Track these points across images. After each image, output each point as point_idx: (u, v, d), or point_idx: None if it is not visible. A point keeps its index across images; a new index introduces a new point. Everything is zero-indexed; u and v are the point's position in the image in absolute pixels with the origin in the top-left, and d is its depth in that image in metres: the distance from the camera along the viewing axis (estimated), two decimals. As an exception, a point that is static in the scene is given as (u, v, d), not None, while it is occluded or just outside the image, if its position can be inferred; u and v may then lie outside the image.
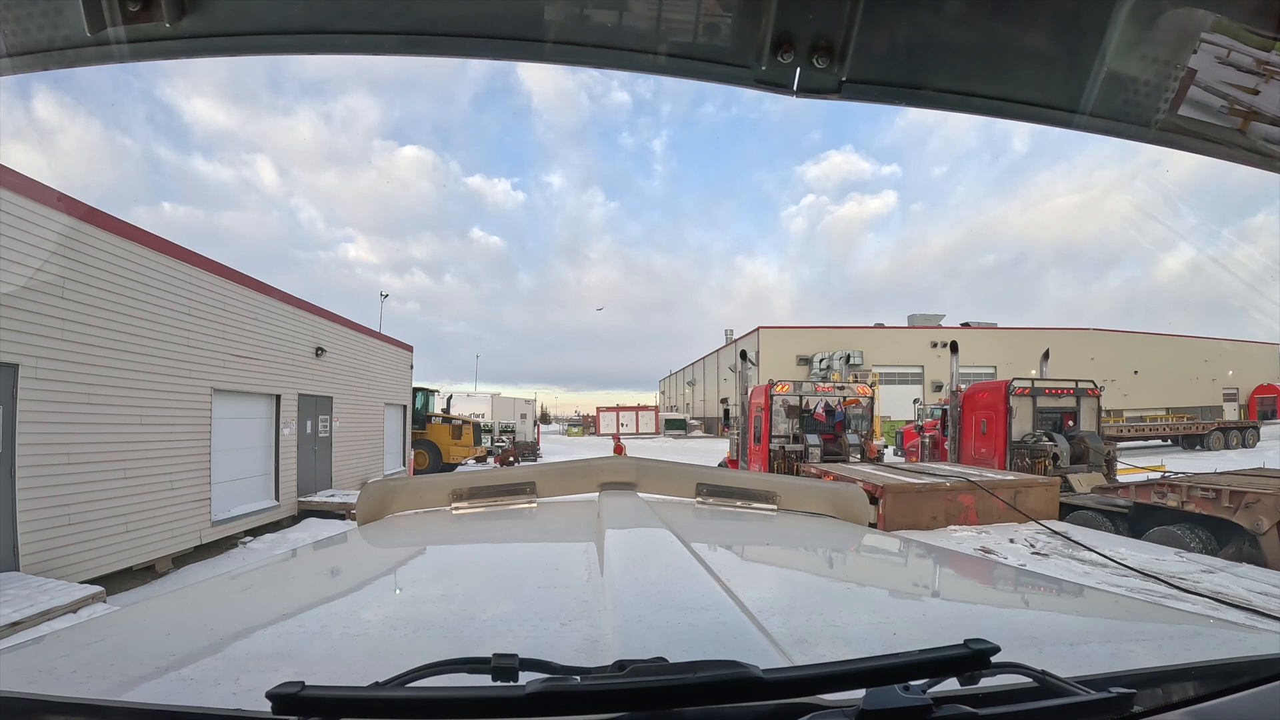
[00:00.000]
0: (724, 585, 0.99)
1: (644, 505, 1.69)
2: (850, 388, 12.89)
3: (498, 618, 0.95)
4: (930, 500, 6.48)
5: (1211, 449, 23.38)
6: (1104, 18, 0.79)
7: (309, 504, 12.10)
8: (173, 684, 0.72)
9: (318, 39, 0.81)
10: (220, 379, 9.73)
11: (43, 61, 0.78)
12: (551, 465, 2.05)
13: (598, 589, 1.01)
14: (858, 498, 1.92)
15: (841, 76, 0.83)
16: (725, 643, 0.78)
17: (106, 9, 0.74)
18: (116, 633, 0.92)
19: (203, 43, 0.78)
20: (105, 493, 7.47)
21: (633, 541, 1.32)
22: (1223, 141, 0.86)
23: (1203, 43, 0.79)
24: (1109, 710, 0.60)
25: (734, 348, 43.97)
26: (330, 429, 13.81)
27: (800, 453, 11.71)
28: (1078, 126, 0.87)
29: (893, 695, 0.58)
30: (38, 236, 6.62)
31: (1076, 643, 0.87)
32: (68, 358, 7.00)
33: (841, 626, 0.91)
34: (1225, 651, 0.84)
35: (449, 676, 0.61)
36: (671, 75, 0.85)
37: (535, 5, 0.80)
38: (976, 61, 0.83)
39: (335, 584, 1.30)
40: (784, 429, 12.28)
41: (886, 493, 6.37)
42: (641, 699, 0.56)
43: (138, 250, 8.12)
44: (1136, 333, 42.46)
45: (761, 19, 0.79)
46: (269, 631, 0.91)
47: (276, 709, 0.54)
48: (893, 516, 6.25)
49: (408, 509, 1.85)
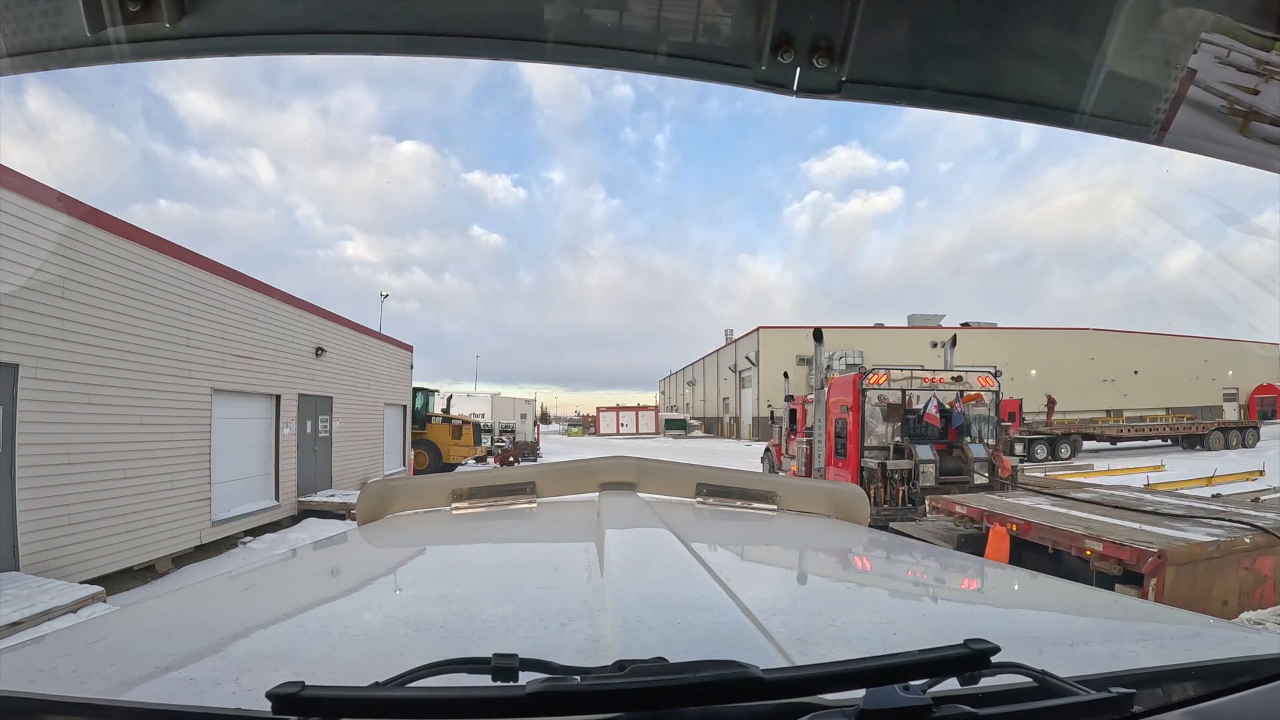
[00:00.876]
0: (724, 585, 0.99)
1: (644, 505, 1.69)
2: (967, 377, 9.25)
3: (498, 618, 0.95)
4: (1224, 572, 4.18)
5: (1211, 449, 23.40)
6: (1104, 18, 0.79)
7: (309, 504, 12.09)
8: (173, 684, 0.72)
9: (318, 39, 0.81)
10: (220, 379, 9.73)
11: (43, 61, 0.78)
12: (551, 465, 2.05)
13: (598, 589, 1.01)
14: (858, 498, 1.92)
15: (841, 76, 0.83)
16: (725, 643, 0.78)
17: (106, 9, 0.74)
18: (116, 633, 0.92)
19: (203, 43, 0.78)
20: (105, 493, 7.47)
21: (633, 541, 1.32)
22: (1223, 141, 0.86)
23: (1203, 43, 0.79)
24: (1109, 710, 0.60)
25: (734, 348, 44.00)
26: (330, 429, 13.81)
27: (908, 472, 8.45)
28: (1078, 126, 0.87)
29: (893, 695, 0.58)
30: (38, 236, 6.62)
31: (1076, 643, 0.87)
32: (68, 358, 7.00)
33: (841, 626, 0.91)
34: (1225, 651, 0.84)
35: (449, 676, 0.61)
36: (671, 75, 0.85)
37: (535, 5, 0.80)
38: (976, 61, 0.84)
39: (335, 584, 1.30)
40: (881, 436, 9.00)
41: (1167, 564, 4.01)
42: (641, 699, 0.56)
43: (138, 250, 8.12)
44: (1137, 333, 42.45)
45: (761, 19, 0.79)
46: (269, 631, 0.91)
47: (276, 709, 0.54)
48: (1176, 596, 3.99)
49: (408, 509, 1.85)
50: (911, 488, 8.47)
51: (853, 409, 9.08)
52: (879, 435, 9.09)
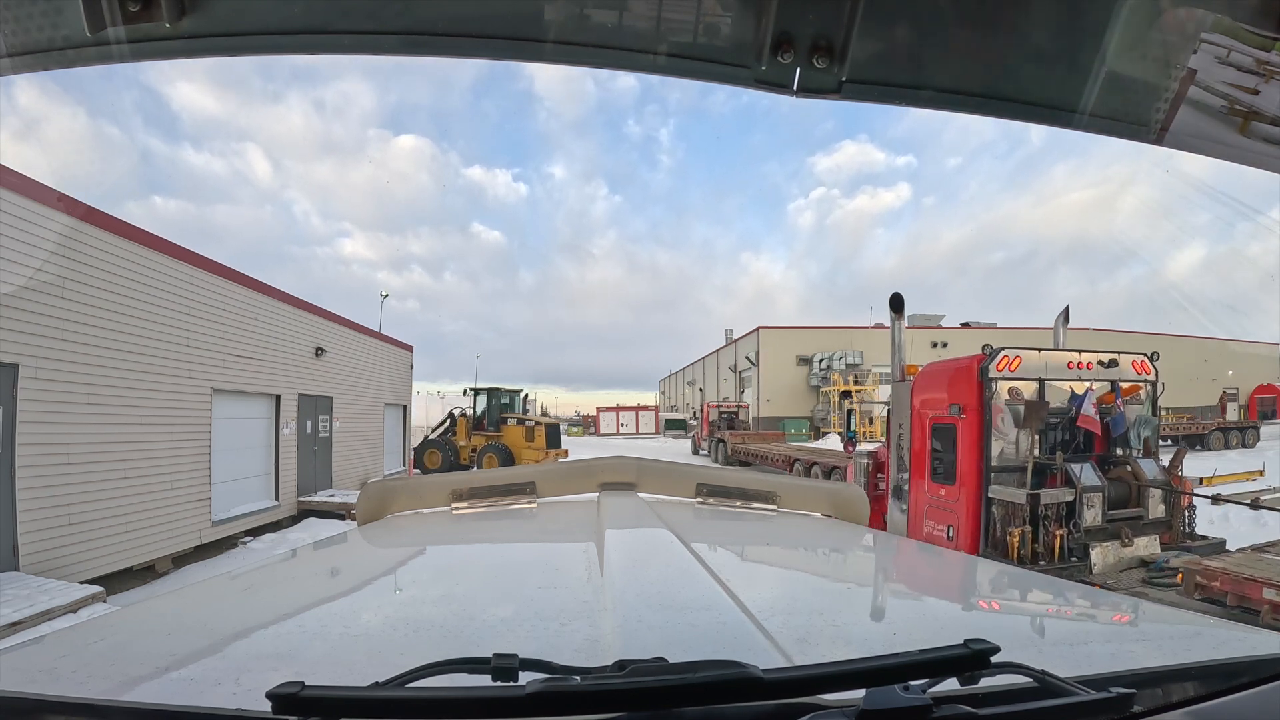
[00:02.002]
0: (724, 585, 0.99)
1: (644, 505, 1.69)
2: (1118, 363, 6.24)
3: (498, 618, 0.95)
4: None
5: (1212, 449, 23.39)
6: (1104, 18, 0.79)
7: (309, 504, 12.10)
8: (173, 684, 0.72)
9: (318, 39, 0.81)
10: (220, 379, 9.73)
11: (43, 61, 0.78)
12: (551, 465, 2.05)
13: (598, 589, 1.01)
14: (858, 498, 1.92)
15: (841, 76, 0.83)
16: (725, 643, 0.78)
17: (106, 9, 0.74)
18: (116, 633, 0.92)
19: (203, 43, 0.78)
20: (105, 493, 7.47)
21: (633, 541, 1.32)
22: (1223, 141, 0.86)
23: (1203, 43, 0.79)
24: (1109, 710, 0.60)
25: (734, 348, 43.97)
26: (330, 429, 13.82)
27: (1065, 507, 5.48)
28: (1077, 126, 0.87)
29: (893, 695, 0.58)
30: (37, 236, 6.62)
31: (1076, 643, 0.87)
32: (68, 358, 7.00)
33: (841, 626, 0.91)
34: (1225, 651, 0.84)
35: (449, 676, 0.61)
36: (671, 75, 0.85)
37: (535, 5, 0.80)
38: (976, 61, 0.84)
39: (335, 584, 1.30)
40: (1017, 450, 5.83)
41: None
42: (641, 699, 0.56)
43: (137, 250, 8.13)
44: (1137, 333, 42.44)
45: (761, 19, 0.79)
46: (269, 631, 0.91)
47: (276, 709, 0.54)
48: None
49: (408, 509, 1.85)
50: (1074, 531, 5.50)
51: (969, 410, 5.90)
52: (1013, 447, 5.87)
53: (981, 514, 5.86)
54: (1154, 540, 5.73)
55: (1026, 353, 5.99)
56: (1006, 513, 5.67)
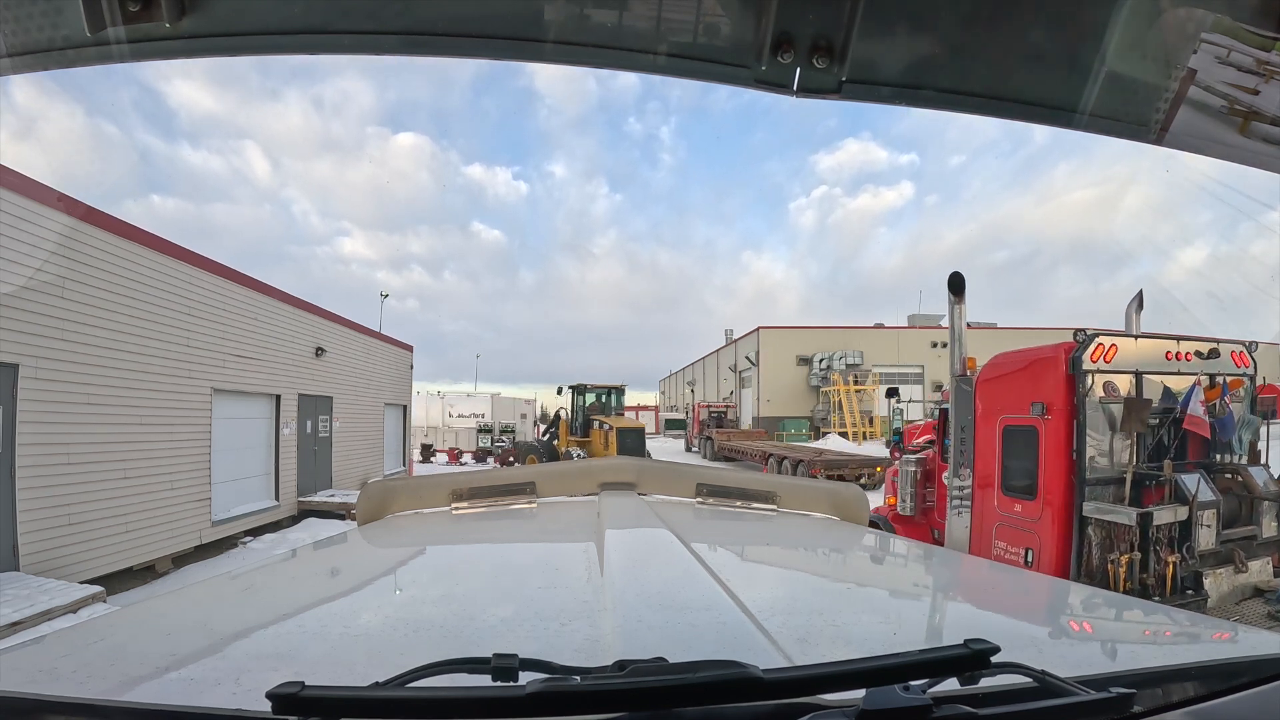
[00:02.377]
0: (724, 585, 0.99)
1: (644, 505, 1.69)
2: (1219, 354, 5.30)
3: (498, 618, 0.95)
4: None
5: (1212, 449, 23.32)
6: (1104, 18, 0.79)
7: (309, 504, 12.10)
8: (173, 684, 0.72)
9: (318, 39, 0.81)
10: (220, 379, 9.73)
11: (43, 61, 0.78)
12: (551, 465, 2.06)
13: (598, 589, 1.01)
14: (858, 498, 1.92)
15: (841, 76, 0.83)
16: (725, 643, 0.78)
17: (106, 9, 0.74)
18: (116, 633, 0.92)
19: (203, 43, 0.78)
20: (105, 493, 7.47)
21: (633, 542, 1.32)
22: (1223, 141, 0.86)
23: (1203, 43, 0.79)
24: (1109, 710, 0.60)
25: (734, 348, 43.97)
26: (330, 429, 13.82)
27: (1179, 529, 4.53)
28: (1077, 126, 0.87)
29: (893, 695, 0.58)
30: (37, 236, 6.62)
31: (1076, 643, 0.87)
32: (68, 358, 7.00)
33: (841, 626, 0.91)
34: (1225, 651, 0.84)
35: (449, 676, 0.61)
36: (671, 75, 0.85)
37: (535, 5, 0.80)
38: (976, 61, 0.84)
39: (335, 584, 1.30)
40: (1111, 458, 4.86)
41: None
42: (641, 699, 0.56)
43: (137, 250, 8.12)
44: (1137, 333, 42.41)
45: (761, 19, 0.79)
46: (269, 631, 0.91)
47: (276, 709, 0.54)
48: None
49: (408, 509, 1.85)
50: (1187, 557, 4.56)
51: (1055, 409, 4.86)
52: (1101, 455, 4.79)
53: (1073, 536, 4.79)
54: (1266, 564, 4.88)
55: (1122, 340, 5.03)
56: (1106, 535, 4.60)
